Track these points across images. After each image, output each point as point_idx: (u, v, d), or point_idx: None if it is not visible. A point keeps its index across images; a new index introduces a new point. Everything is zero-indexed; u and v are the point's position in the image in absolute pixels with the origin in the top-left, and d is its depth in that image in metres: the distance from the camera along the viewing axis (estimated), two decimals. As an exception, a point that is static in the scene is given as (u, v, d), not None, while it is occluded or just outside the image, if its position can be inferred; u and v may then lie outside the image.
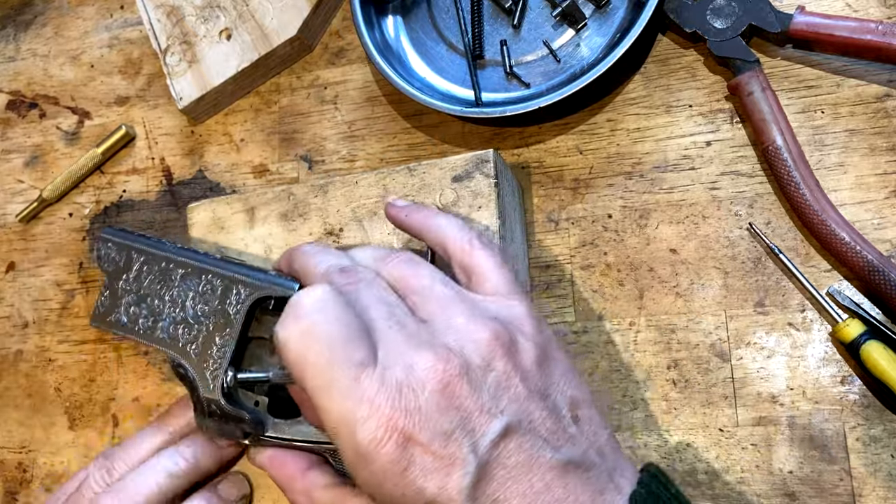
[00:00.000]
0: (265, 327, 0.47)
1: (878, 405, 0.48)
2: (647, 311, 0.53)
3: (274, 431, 0.46)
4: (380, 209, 0.52)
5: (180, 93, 0.66)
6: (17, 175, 0.73)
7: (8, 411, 0.67)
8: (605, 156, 0.57)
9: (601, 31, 0.58)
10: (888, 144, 0.51)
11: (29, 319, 0.68)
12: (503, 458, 0.33)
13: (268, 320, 0.47)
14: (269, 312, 0.47)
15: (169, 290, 0.48)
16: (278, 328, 0.36)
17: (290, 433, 0.46)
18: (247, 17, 0.65)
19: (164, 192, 0.67)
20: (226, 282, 0.46)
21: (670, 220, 0.54)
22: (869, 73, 0.53)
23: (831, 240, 0.49)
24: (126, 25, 0.73)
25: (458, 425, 0.33)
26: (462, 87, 0.60)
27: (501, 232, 0.49)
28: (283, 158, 0.65)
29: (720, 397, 0.51)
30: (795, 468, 0.49)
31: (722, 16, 0.54)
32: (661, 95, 0.56)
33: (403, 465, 0.32)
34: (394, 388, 0.33)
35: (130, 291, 0.49)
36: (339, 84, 0.65)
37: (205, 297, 0.47)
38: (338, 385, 0.33)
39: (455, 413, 0.33)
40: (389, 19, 0.64)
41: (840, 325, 0.48)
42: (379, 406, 0.32)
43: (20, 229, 0.71)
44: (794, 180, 0.50)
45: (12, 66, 0.76)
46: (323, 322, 0.35)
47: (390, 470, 0.32)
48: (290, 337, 0.35)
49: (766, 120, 0.51)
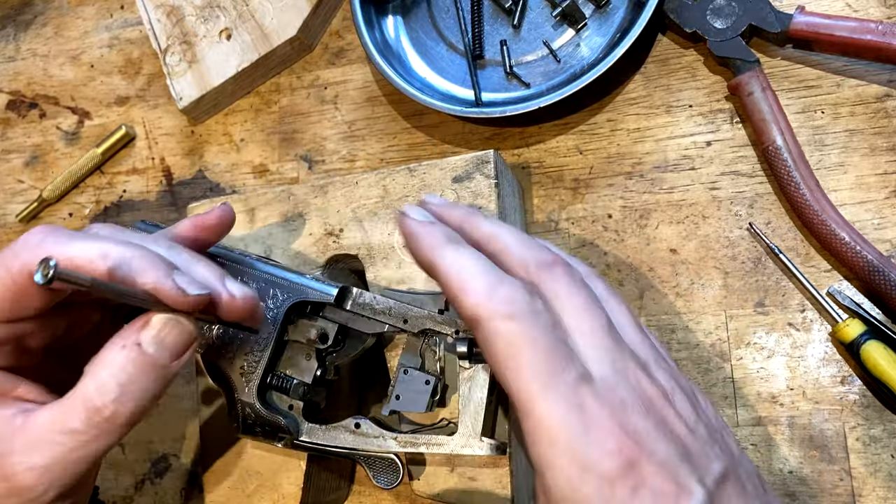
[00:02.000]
0: (301, 331, 0.47)
1: (878, 405, 0.48)
2: (647, 311, 0.53)
3: (308, 436, 0.46)
4: (380, 209, 0.52)
5: (180, 93, 0.66)
6: (17, 175, 0.73)
7: (8, 411, 0.67)
8: (605, 156, 0.57)
9: (601, 31, 0.58)
10: (888, 144, 0.51)
11: (29, 319, 0.68)
12: (725, 499, 0.33)
13: (304, 324, 0.47)
14: (305, 316, 0.47)
15: None
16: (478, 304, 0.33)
17: (325, 438, 0.45)
18: (247, 17, 0.65)
19: (164, 192, 0.67)
20: (262, 284, 0.46)
21: (670, 220, 0.54)
22: (869, 73, 0.52)
23: (831, 240, 0.49)
24: (126, 25, 0.73)
25: (682, 457, 0.33)
26: (462, 87, 0.60)
27: (501, 232, 0.49)
28: (283, 158, 0.65)
29: (720, 397, 0.51)
30: (795, 468, 0.49)
31: (722, 16, 0.54)
32: (661, 95, 0.56)
33: (632, 483, 0.31)
34: (618, 406, 0.32)
35: None
36: (339, 84, 0.65)
37: None
38: (558, 391, 0.32)
39: (679, 444, 0.33)
40: (389, 19, 0.64)
41: (840, 325, 0.48)
42: (604, 421, 0.32)
43: (20, 229, 0.71)
44: (794, 180, 0.50)
45: (12, 66, 0.76)
46: (539, 324, 0.33)
47: (618, 485, 0.31)
48: (502, 328, 0.33)
49: (766, 120, 0.51)
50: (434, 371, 0.45)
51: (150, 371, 0.36)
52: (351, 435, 0.45)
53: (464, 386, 0.43)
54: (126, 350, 0.35)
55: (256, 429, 0.46)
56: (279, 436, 0.46)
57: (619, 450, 0.31)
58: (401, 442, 0.44)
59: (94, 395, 0.35)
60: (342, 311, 0.46)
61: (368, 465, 0.45)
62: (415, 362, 0.46)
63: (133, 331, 0.36)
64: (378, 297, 0.45)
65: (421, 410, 0.44)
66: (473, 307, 0.33)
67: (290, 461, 0.51)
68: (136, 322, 0.36)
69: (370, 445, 0.44)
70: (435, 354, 0.46)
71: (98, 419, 0.35)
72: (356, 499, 0.56)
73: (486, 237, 0.37)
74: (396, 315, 0.45)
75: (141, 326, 0.36)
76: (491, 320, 0.33)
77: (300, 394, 0.46)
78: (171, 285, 0.35)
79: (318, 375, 0.46)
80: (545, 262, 0.36)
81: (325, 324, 0.46)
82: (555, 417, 0.32)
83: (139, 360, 0.35)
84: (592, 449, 0.31)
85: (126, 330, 0.36)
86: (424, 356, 0.46)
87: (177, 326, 0.36)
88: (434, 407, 0.45)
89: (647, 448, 0.32)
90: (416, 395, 0.45)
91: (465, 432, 0.42)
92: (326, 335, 0.46)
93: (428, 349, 0.46)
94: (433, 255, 0.36)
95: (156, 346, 0.36)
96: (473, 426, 0.42)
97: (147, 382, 0.36)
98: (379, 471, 0.45)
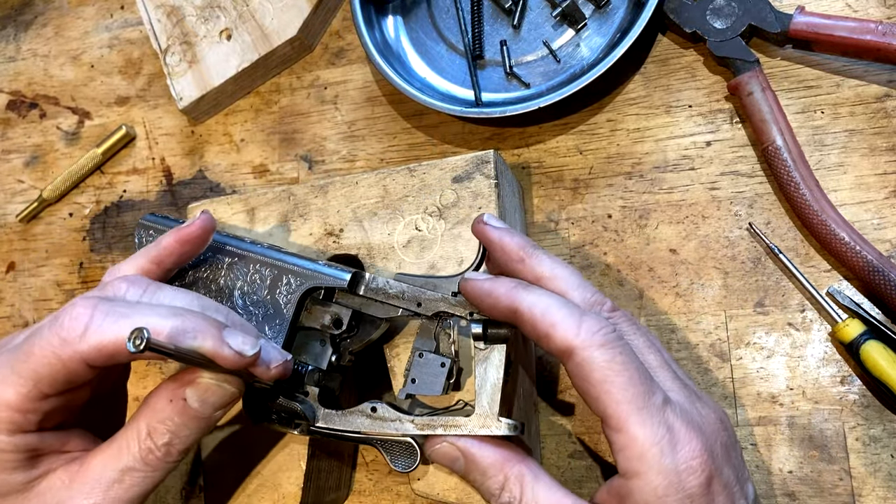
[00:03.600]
0: (315, 317, 0.47)
1: (877, 405, 0.48)
2: (647, 311, 0.53)
3: (325, 422, 0.45)
4: (380, 209, 0.52)
5: (180, 93, 0.66)
6: (17, 175, 0.73)
7: (8, 411, 0.67)
8: (605, 156, 0.57)
9: (601, 31, 0.58)
10: (888, 144, 0.51)
11: (29, 319, 0.68)
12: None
13: (317, 310, 0.47)
14: (318, 302, 0.47)
15: (215, 279, 0.48)
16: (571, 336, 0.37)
17: (342, 423, 0.45)
18: (247, 17, 0.65)
19: (165, 192, 0.68)
20: (275, 271, 0.46)
21: (670, 220, 0.54)
22: (869, 74, 0.53)
23: (831, 240, 0.49)
24: (126, 25, 0.73)
25: (736, 479, 0.38)
26: (462, 87, 0.60)
27: (501, 232, 0.49)
28: (283, 158, 0.65)
29: (720, 397, 0.51)
30: (795, 468, 0.49)
31: (722, 16, 0.54)
32: (661, 95, 0.56)
33: (709, 499, 0.36)
34: (696, 429, 0.37)
35: (175, 280, 0.48)
36: (339, 84, 0.65)
37: (253, 287, 0.47)
38: (650, 412, 0.36)
39: (733, 468, 0.38)
40: (389, 19, 0.64)
41: (840, 325, 0.48)
42: (690, 440, 0.36)
43: (20, 229, 0.71)
44: (794, 180, 0.50)
45: (12, 66, 0.76)
46: (629, 351, 0.38)
47: (696, 500, 0.36)
48: (597, 355, 0.37)
49: (766, 120, 0.51)
50: (449, 354, 0.45)
51: (195, 422, 0.40)
52: (367, 419, 0.45)
53: (479, 367, 0.42)
54: (173, 403, 0.39)
55: (273, 416, 0.46)
56: (295, 422, 0.46)
57: (703, 469, 0.36)
58: (418, 425, 0.43)
59: (146, 439, 0.39)
60: (355, 297, 0.46)
61: (385, 449, 0.45)
62: (429, 346, 0.45)
63: (180, 385, 0.39)
64: (391, 281, 0.45)
65: (437, 393, 0.44)
66: (566, 339, 0.37)
67: (291, 461, 0.51)
68: (183, 377, 0.40)
69: (387, 429, 0.44)
70: (449, 338, 0.46)
71: (151, 458, 0.39)
72: (356, 499, 0.56)
73: (547, 276, 0.42)
74: (410, 298, 0.45)
75: (187, 383, 0.40)
76: (585, 349, 0.37)
77: (315, 380, 0.46)
78: (229, 352, 0.39)
79: (333, 361, 0.46)
80: (604, 305, 0.41)
81: (339, 309, 0.46)
82: (648, 435, 0.36)
83: (185, 413, 0.39)
84: (681, 466, 0.36)
85: (173, 383, 0.40)
86: (439, 339, 0.46)
87: (220, 389, 0.40)
88: (449, 390, 0.45)
89: (719, 469, 0.37)
90: (431, 377, 0.45)
91: (482, 413, 0.42)
92: (340, 320, 0.46)
93: (442, 332, 0.46)
94: (513, 299, 0.40)
95: (200, 403, 0.40)
96: (490, 406, 0.42)
97: (193, 430, 0.40)
98: (396, 454, 0.45)
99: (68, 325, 0.37)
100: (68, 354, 0.37)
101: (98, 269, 0.68)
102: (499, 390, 0.42)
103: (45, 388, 0.38)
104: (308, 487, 0.51)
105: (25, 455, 0.39)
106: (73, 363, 0.37)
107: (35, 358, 0.37)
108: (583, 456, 0.52)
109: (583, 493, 0.53)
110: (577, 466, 0.52)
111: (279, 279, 0.46)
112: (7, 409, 0.37)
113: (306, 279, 0.46)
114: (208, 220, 0.46)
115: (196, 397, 0.39)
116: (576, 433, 0.53)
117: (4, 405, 0.37)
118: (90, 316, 0.38)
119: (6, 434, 0.38)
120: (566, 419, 0.53)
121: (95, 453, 0.40)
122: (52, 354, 0.37)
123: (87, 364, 0.38)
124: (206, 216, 0.46)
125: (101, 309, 0.38)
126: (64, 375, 0.38)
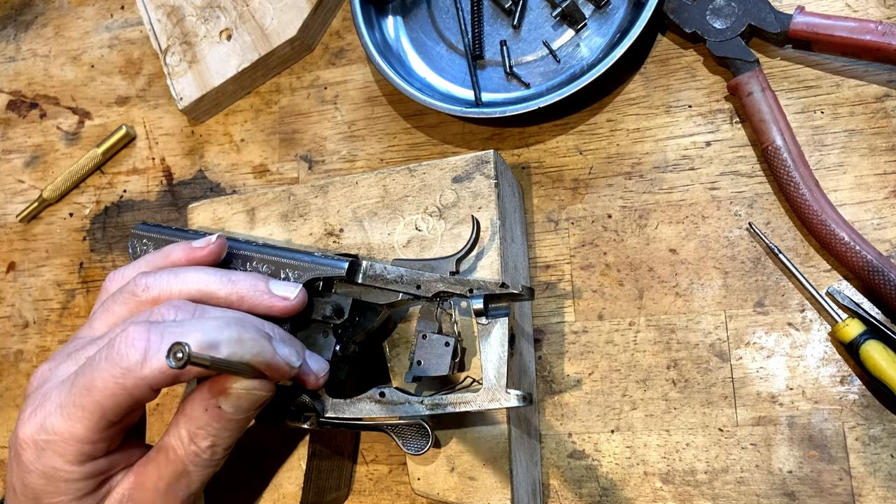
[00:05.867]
0: (316, 309, 0.46)
1: (877, 405, 0.48)
2: (647, 311, 0.53)
3: (333, 412, 0.45)
4: (380, 209, 0.52)
5: (180, 93, 0.66)
6: (17, 175, 0.73)
7: (8, 411, 0.67)
8: (604, 156, 0.57)
9: (601, 31, 0.58)
10: (888, 144, 0.51)
11: (29, 319, 0.69)
12: None
13: (318, 302, 0.46)
14: (318, 294, 0.47)
15: None
16: None
17: (351, 412, 0.45)
18: (247, 17, 0.65)
19: (165, 192, 0.68)
20: (272, 267, 0.46)
21: (670, 220, 0.54)
22: (868, 74, 0.53)
23: (831, 240, 0.49)
24: (126, 25, 0.73)
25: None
26: (462, 87, 0.60)
27: (501, 233, 0.49)
28: (283, 158, 0.65)
29: (720, 397, 0.51)
30: (795, 468, 0.49)
31: (722, 16, 0.54)
32: (661, 95, 0.56)
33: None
34: None
35: None
36: (339, 84, 0.65)
37: None
38: None
39: None
40: (389, 19, 0.64)
41: (840, 325, 0.48)
42: None
43: (20, 229, 0.71)
44: (793, 180, 0.50)
45: (13, 66, 0.76)
46: None
47: None
48: None
49: (766, 120, 0.51)
50: (452, 333, 0.45)
51: (233, 424, 0.41)
52: (377, 405, 0.44)
53: (483, 342, 0.42)
54: (209, 412, 0.40)
55: (284, 417, 0.46)
56: (304, 415, 0.45)
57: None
58: (428, 405, 0.43)
59: (190, 444, 0.40)
60: (354, 285, 0.46)
61: (397, 433, 0.45)
62: (432, 327, 0.45)
63: (212, 395, 0.40)
64: (388, 266, 0.45)
65: (444, 372, 0.44)
66: None
67: (291, 461, 0.51)
68: (213, 387, 0.40)
69: (397, 412, 0.44)
70: (451, 318, 0.46)
71: (199, 460, 0.41)
72: (356, 498, 0.56)
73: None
74: (408, 282, 0.45)
75: (218, 393, 0.40)
76: None
77: None
78: (282, 363, 0.40)
79: (338, 351, 0.46)
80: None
81: (339, 298, 0.46)
82: None
83: (222, 418, 0.40)
84: None
85: (205, 393, 0.40)
86: (441, 320, 0.46)
87: (252, 395, 0.40)
88: (455, 369, 0.45)
89: None
90: (436, 357, 0.45)
91: (489, 386, 0.41)
92: (342, 309, 0.46)
93: (443, 313, 0.46)
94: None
95: (234, 409, 0.40)
96: (498, 379, 0.41)
97: (232, 431, 0.41)
98: (408, 438, 0.45)
99: (126, 352, 0.37)
100: (132, 383, 0.37)
101: (98, 269, 0.68)
102: (504, 363, 0.42)
103: (112, 417, 0.38)
104: (308, 487, 0.51)
105: (96, 480, 0.40)
106: (138, 390, 0.37)
107: (98, 390, 0.37)
108: (583, 456, 0.52)
109: (583, 493, 0.53)
110: (577, 466, 0.52)
111: (277, 274, 0.46)
112: (77, 442, 0.38)
113: (304, 271, 0.46)
114: (222, 245, 0.46)
115: (230, 405, 0.40)
116: (576, 433, 0.53)
117: (74, 440, 0.38)
118: (147, 339, 0.37)
119: (77, 464, 0.38)
120: (566, 419, 0.53)
121: (145, 465, 0.41)
122: (116, 385, 0.37)
123: (151, 388, 0.38)
124: (221, 241, 0.46)
125: (156, 331, 0.38)
126: (129, 403, 0.38)
